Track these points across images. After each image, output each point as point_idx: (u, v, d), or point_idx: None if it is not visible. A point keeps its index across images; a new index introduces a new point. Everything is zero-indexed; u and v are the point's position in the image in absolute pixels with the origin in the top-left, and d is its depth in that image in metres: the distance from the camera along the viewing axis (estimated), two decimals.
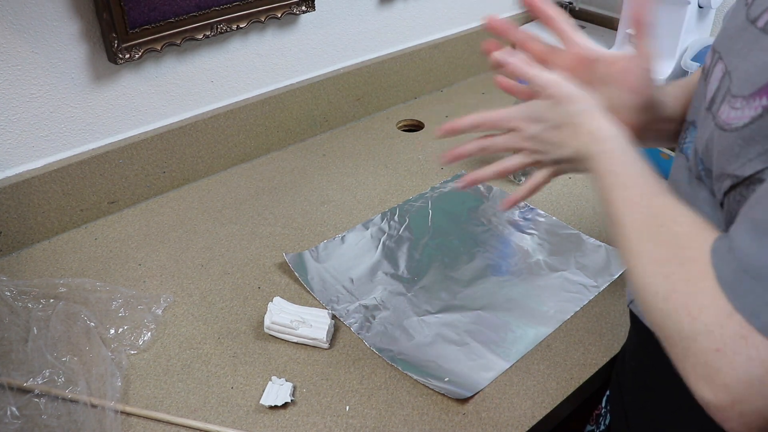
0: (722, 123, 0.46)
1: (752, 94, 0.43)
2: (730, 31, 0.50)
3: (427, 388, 0.73)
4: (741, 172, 0.43)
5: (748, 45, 0.46)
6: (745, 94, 0.44)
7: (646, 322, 0.60)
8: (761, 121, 0.42)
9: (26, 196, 0.92)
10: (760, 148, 0.42)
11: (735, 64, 0.47)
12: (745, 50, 0.46)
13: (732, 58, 0.48)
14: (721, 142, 0.45)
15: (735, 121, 0.44)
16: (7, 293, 0.80)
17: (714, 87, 0.49)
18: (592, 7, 1.51)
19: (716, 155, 0.46)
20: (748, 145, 0.43)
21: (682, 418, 0.58)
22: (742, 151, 0.43)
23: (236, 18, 1.02)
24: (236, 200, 1.05)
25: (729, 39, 0.50)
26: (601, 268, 0.90)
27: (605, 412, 0.75)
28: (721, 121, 0.46)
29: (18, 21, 0.83)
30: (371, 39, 1.25)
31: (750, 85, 0.43)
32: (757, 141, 0.42)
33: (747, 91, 0.44)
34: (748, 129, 0.43)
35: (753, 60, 0.44)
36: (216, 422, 0.69)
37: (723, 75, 0.48)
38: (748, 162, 0.43)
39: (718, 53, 0.51)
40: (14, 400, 0.68)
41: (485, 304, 0.84)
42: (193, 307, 0.84)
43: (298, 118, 1.19)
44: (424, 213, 1.00)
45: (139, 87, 0.99)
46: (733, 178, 0.44)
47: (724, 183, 0.46)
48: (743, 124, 0.43)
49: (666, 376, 0.59)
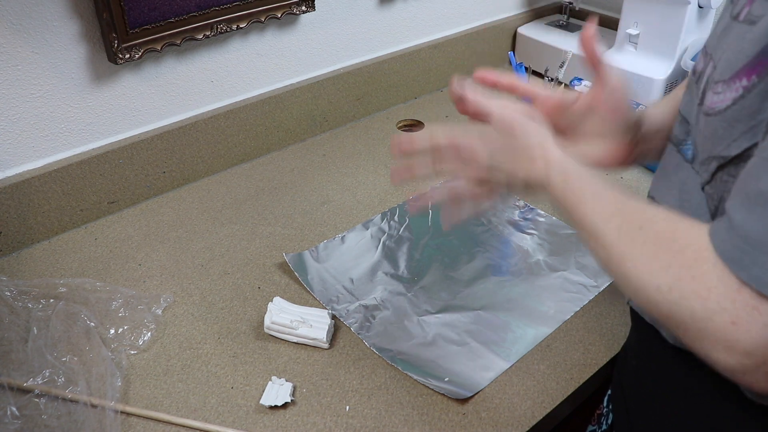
0: (707, 109, 0.48)
1: (731, 77, 0.45)
2: (718, 32, 0.52)
3: (427, 388, 0.73)
4: (727, 153, 0.46)
5: (731, 38, 0.48)
6: (725, 78, 0.46)
7: (648, 318, 0.60)
8: (743, 101, 0.44)
9: (26, 196, 0.92)
10: (744, 126, 0.44)
11: (719, 56, 0.49)
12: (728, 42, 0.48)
13: (717, 53, 0.50)
14: (707, 128, 0.48)
15: (718, 104, 0.46)
16: (7, 293, 0.80)
17: (703, 82, 0.51)
18: (592, 7, 1.51)
19: (702, 140, 0.49)
20: (731, 126, 0.45)
21: (685, 415, 0.58)
22: (725, 132, 0.45)
23: (236, 18, 1.02)
24: (236, 200, 1.05)
25: (716, 39, 0.52)
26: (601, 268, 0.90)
27: (607, 412, 0.75)
28: (705, 107, 0.48)
29: (18, 21, 0.83)
30: (371, 39, 1.25)
31: (730, 70, 0.46)
32: (741, 120, 0.44)
33: (727, 75, 0.46)
34: (730, 110, 0.45)
35: (733, 48, 0.46)
36: (216, 422, 0.69)
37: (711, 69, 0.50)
38: (733, 142, 0.45)
39: (709, 54, 0.53)
40: (14, 400, 0.68)
41: (485, 304, 0.84)
42: (193, 307, 0.84)
43: (298, 118, 1.19)
44: (424, 213, 1.00)
45: (139, 87, 0.99)
46: (720, 159, 0.46)
47: (711, 165, 0.48)
48: (726, 106, 0.45)
49: (668, 374, 0.59)
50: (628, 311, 0.83)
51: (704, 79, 0.52)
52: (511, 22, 1.47)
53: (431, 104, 1.34)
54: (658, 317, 0.46)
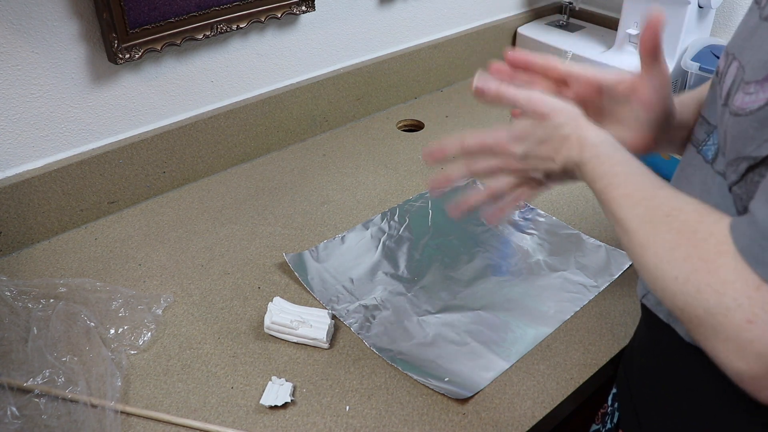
0: (736, 109, 0.47)
1: (765, 77, 0.44)
2: (744, 33, 0.51)
3: (427, 388, 0.73)
4: (758, 153, 0.44)
5: (762, 39, 0.47)
6: (758, 78, 0.45)
7: (663, 316, 0.60)
8: None
9: (26, 196, 0.92)
10: None
11: (748, 57, 0.48)
12: (759, 43, 0.47)
13: (746, 54, 0.49)
14: (736, 128, 0.47)
15: (750, 105, 0.45)
16: (7, 293, 0.80)
17: (729, 82, 0.50)
18: (592, 7, 1.51)
19: (731, 140, 0.47)
20: (763, 126, 0.44)
21: (695, 413, 0.58)
22: (756, 133, 0.44)
23: (236, 18, 1.02)
24: (236, 200, 1.05)
25: (743, 40, 0.51)
26: (601, 268, 0.90)
27: (611, 411, 0.75)
28: (735, 107, 0.47)
29: (18, 21, 0.83)
30: (371, 39, 1.25)
31: (763, 70, 0.45)
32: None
33: (760, 76, 0.45)
34: (762, 111, 0.44)
35: (766, 48, 0.46)
36: (216, 422, 0.69)
37: (737, 70, 0.49)
38: (764, 142, 0.44)
39: (732, 54, 0.52)
40: (14, 400, 0.68)
41: (485, 304, 0.84)
42: (193, 307, 0.84)
43: (298, 118, 1.19)
44: (424, 213, 1.00)
45: (139, 87, 0.99)
46: (750, 159, 0.45)
47: (741, 166, 0.47)
48: (758, 107, 0.44)
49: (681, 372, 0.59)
50: (629, 311, 0.83)
51: (727, 79, 0.51)
52: (511, 22, 1.47)
53: (431, 104, 1.34)
54: (672, 309, 0.46)
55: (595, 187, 0.53)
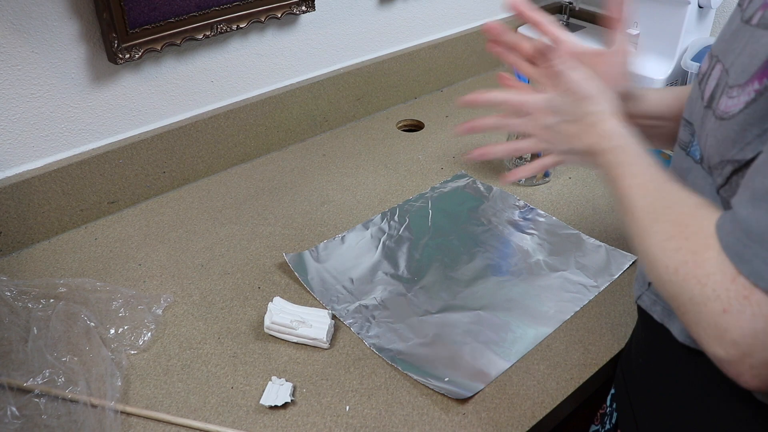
0: (720, 113, 0.49)
1: (746, 81, 0.46)
2: (727, 36, 0.53)
3: (427, 388, 0.73)
4: (742, 156, 0.46)
5: (744, 42, 0.49)
6: (740, 82, 0.47)
7: (656, 316, 0.61)
8: (755, 105, 0.45)
9: (26, 196, 0.92)
10: (757, 130, 0.45)
11: (732, 60, 0.50)
12: (741, 47, 0.49)
13: (729, 57, 0.50)
14: (720, 132, 0.48)
15: (732, 108, 0.47)
16: (7, 293, 0.80)
17: (713, 85, 0.52)
18: (592, 7, 1.51)
19: (715, 144, 0.49)
20: (744, 130, 0.46)
21: (692, 414, 0.58)
22: (738, 136, 0.46)
23: (236, 18, 1.02)
24: (236, 200, 1.05)
25: (725, 42, 0.52)
26: (601, 268, 0.90)
27: (610, 411, 0.75)
28: (720, 112, 0.49)
29: (18, 21, 0.83)
30: (371, 39, 1.25)
31: (745, 74, 0.46)
32: (753, 124, 0.45)
33: (742, 80, 0.47)
34: (743, 114, 0.46)
35: (748, 52, 0.47)
36: (216, 422, 0.69)
37: (721, 73, 0.51)
38: (746, 146, 0.46)
39: (716, 57, 0.53)
40: (14, 400, 0.68)
41: (485, 304, 0.84)
42: (193, 307, 0.84)
43: (298, 118, 1.19)
44: (424, 213, 1.00)
45: (139, 87, 0.99)
46: (734, 163, 0.47)
47: (726, 169, 0.49)
48: (738, 110, 0.46)
49: (675, 372, 0.59)
50: (628, 311, 0.83)
51: (710, 82, 0.52)
52: (511, 22, 1.47)
53: (431, 104, 1.34)
54: (665, 296, 0.49)
55: (610, 174, 0.56)
